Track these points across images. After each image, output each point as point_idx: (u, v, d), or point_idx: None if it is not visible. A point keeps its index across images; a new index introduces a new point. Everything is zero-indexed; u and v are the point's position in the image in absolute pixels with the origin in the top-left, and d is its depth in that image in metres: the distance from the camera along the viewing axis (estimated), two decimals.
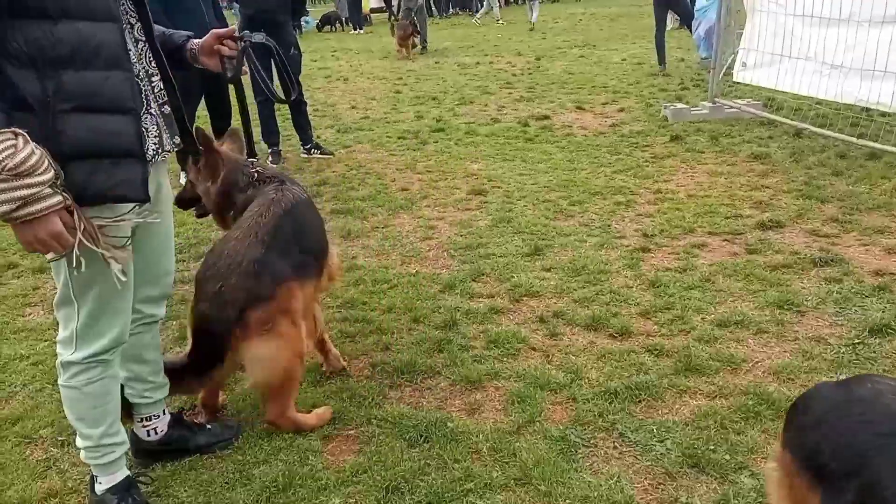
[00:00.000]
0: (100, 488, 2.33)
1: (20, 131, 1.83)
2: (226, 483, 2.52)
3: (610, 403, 2.84)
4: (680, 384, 2.95)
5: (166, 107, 2.24)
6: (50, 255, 2.02)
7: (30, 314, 3.96)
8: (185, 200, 3.09)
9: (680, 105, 8.20)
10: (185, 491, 2.49)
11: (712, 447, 2.54)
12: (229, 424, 2.80)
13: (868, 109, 6.53)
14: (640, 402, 2.86)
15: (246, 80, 3.50)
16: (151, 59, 2.18)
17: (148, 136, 2.15)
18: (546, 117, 8.51)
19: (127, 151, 2.03)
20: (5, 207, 1.82)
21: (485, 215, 5.18)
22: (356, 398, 2.97)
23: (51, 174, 1.86)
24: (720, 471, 2.43)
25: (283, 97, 3.04)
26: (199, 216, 3.20)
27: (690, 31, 12.37)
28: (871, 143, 5.87)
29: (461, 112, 9.24)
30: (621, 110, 8.77)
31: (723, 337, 3.29)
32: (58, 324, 2.23)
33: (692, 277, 3.93)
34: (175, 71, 2.28)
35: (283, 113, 7.55)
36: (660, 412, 2.80)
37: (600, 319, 3.51)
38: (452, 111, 9.31)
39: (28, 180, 1.82)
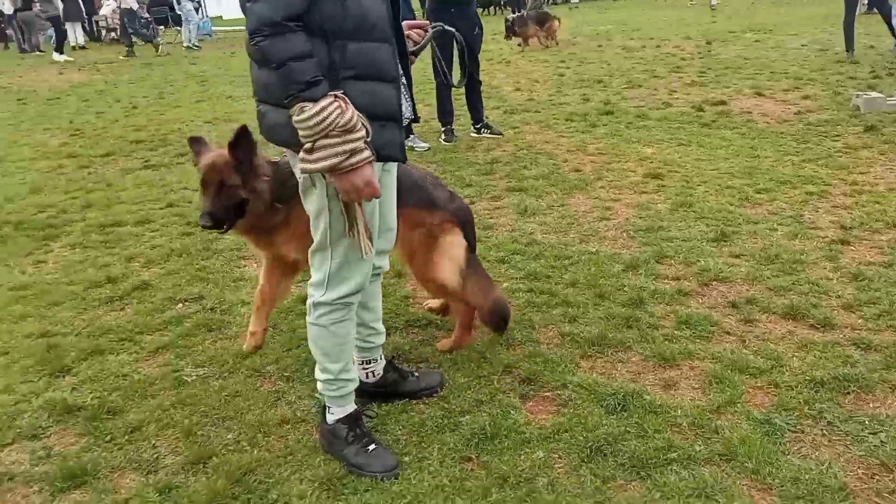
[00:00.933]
0: (331, 418, 2.59)
1: (341, 94, 2.08)
2: (436, 427, 2.71)
3: (815, 392, 2.77)
4: (892, 379, 2.82)
5: (404, 78, 2.42)
6: (312, 208, 2.28)
7: (244, 265, 4.39)
8: (229, 208, 2.67)
9: (874, 94, 7.60)
10: (400, 430, 2.71)
11: None
12: (434, 375, 2.99)
13: None
14: (848, 393, 2.77)
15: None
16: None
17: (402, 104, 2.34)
18: (723, 102, 8.19)
19: (391, 116, 2.24)
20: (336, 160, 2.07)
21: (663, 199, 5.11)
22: (549, 363, 3.08)
23: (364, 132, 2.10)
24: None
25: (455, 83, 3.21)
26: (225, 229, 2.74)
27: (882, 16, 11.37)
28: None
29: (629, 95, 9.09)
30: (805, 98, 8.27)
31: None
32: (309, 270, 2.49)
33: None
34: None
35: (457, 93, 7.76)
36: (870, 405, 2.70)
37: (799, 309, 3.40)
38: (620, 94, 9.18)
39: (352, 136, 2.07)
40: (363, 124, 2.08)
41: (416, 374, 2.97)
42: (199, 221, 2.70)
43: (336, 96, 2.04)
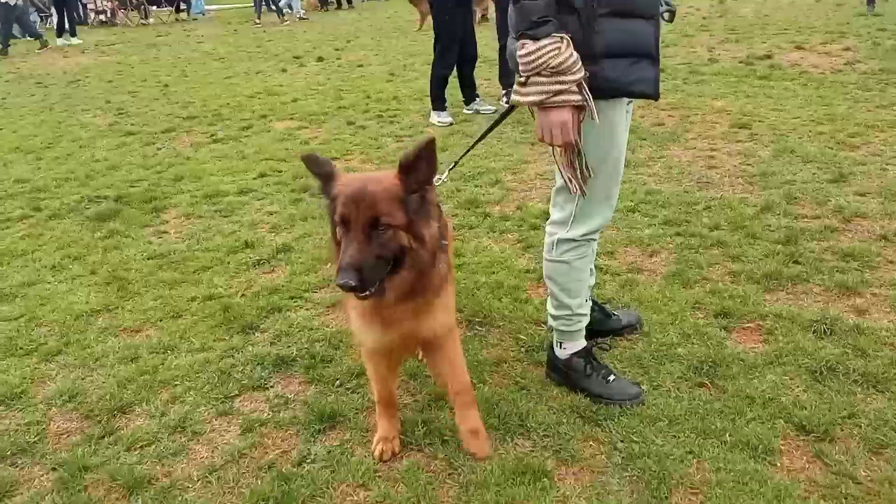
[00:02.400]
0: (564, 353, 2.67)
1: (566, 36, 2.13)
2: (653, 359, 2.81)
3: None
4: None
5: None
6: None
7: None
8: (386, 260, 1.93)
9: None
10: (620, 364, 2.80)
11: None
12: (633, 315, 3.08)
13: None
14: None
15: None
16: None
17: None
18: (768, 56, 8.31)
19: (646, 53, 2.29)
20: (541, 97, 2.15)
21: (762, 146, 5.22)
22: (735, 297, 3.19)
23: (580, 75, 2.15)
24: None
25: None
26: (371, 293, 1.91)
27: None
28: None
29: (670, 54, 9.17)
30: (847, 49, 8.42)
31: None
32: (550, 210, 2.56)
33: None
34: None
35: None
36: None
37: None
38: (662, 53, 9.22)
39: (562, 77, 2.13)
40: (580, 67, 2.13)
41: (616, 313, 3.06)
42: (337, 281, 1.84)
43: (559, 38, 2.09)
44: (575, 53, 2.15)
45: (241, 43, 14.70)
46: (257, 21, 18.31)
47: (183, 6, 21.83)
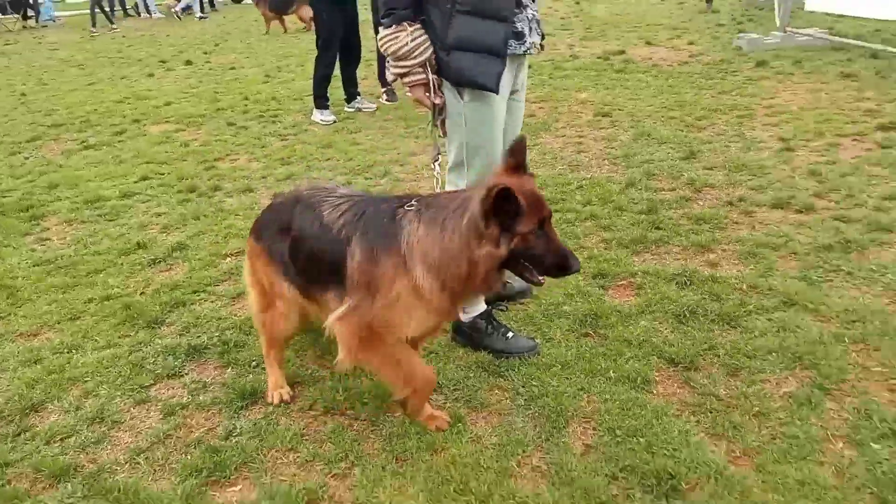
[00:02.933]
0: (467, 317, 2.94)
1: (409, 27, 2.56)
2: (545, 316, 3.14)
3: (828, 254, 3.48)
4: (877, 238, 3.59)
5: (535, 11, 2.78)
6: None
7: None
8: None
9: (752, 35, 8.71)
10: (514, 323, 3.11)
11: None
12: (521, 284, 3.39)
13: None
14: (850, 252, 3.49)
15: None
16: None
17: (525, 35, 2.70)
18: (622, 52, 9.02)
19: (494, 51, 2.59)
20: (392, 78, 2.78)
21: (622, 131, 5.75)
22: (609, 261, 3.58)
23: (422, 58, 2.60)
24: None
25: None
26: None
27: None
28: None
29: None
30: (691, 43, 9.28)
31: (895, 208, 3.91)
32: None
33: (843, 167, 4.55)
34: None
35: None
36: (870, 258, 3.43)
37: (782, 200, 4.12)
38: None
39: (401, 62, 2.62)
40: (420, 53, 2.58)
41: (510, 281, 3.35)
42: (576, 267, 2.16)
43: (400, 26, 2.56)
44: (416, 40, 2.57)
45: (99, 49, 14.01)
46: (94, 31, 17.07)
47: (31, 13, 20.41)
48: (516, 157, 2.18)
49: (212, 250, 4.09)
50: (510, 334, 2.92)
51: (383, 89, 7.57)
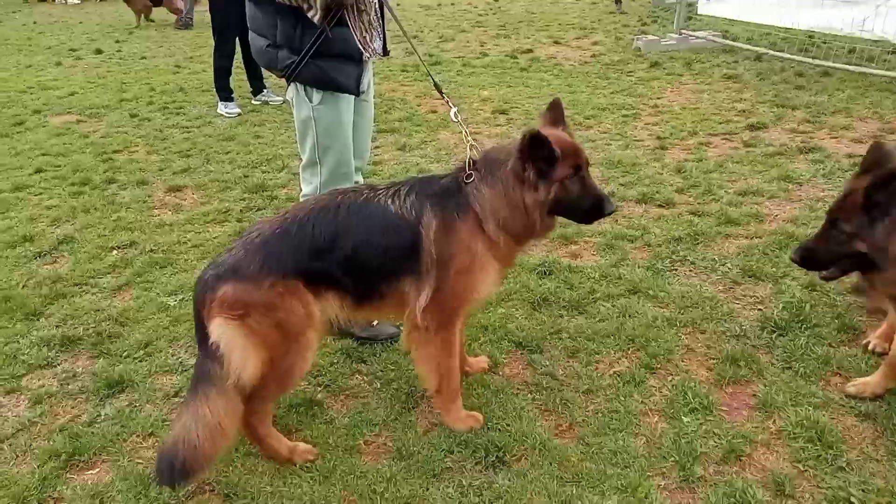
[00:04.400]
0: None
1: None
2: None
3: (677, 245, 3.80)
4: (724, 231, 3.93)
5: (377, 17, 2.95)
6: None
7: (158, 213, 4.59)
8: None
9: (651, 37, 9.14)
10: None
11: (761, 265, 3.53)
12: None
13: (812, 35, 7.70)
14: (698, 243, 3.82)
15: None
16: None
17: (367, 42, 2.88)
18: (530, 51, 9.32)
19: (348, 54, 2.80)
20: None
21: (516, 129, 6.01)
22: None
23: None
24: (772, 278, 3.42)
25: None
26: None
27: None
28: (824, 63, 6.99)
29: (447, 48, 9.93)
30: (595, 44, 9.66)
31: (746, 202, 4.29)
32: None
33: (707, 165, 4.92)
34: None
35: None
36: (715, 249, 3.77)
37: (646, 195, 4.45)
38: (438, 47, 9.98)
39: None
40: None
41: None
42: (610, 211, 2.35)
43: None
44: None
45: (7, 35, 13.49)
46: None
47: None
48: (553, 113, 2.37)
49: (98, 243, 4.14)
50: (375, 322, 3.11)
51: None
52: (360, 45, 2.82)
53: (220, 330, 2.09)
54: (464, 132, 2.58)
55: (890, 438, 2.40)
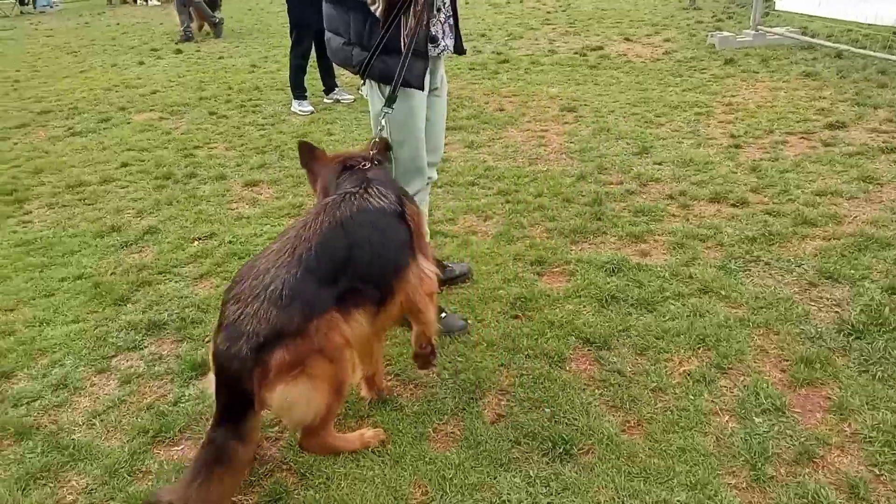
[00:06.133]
0: None
1: None
2: (480, 299, 3.39)
3: (751, 245, 3.73)
4: (800, 232, 3.83)
5: (449, 15, 3.00)
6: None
7: (236, 207, 4.77)
8: None
9: (726, 33, 8.92)
10: (452, 306, 3.36)
11: (839, 266, 3.43)
12: (464, 265, 3.64)
13: None
14: (773, 244, 3.74)
15: None
16: None
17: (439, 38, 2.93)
18: (600, 48, 9.23)
19: (417, 52, 2.81)
20: None
21: (584, 126, 5.99)
22: (548, 249, 3.84)
23: None
24: (849, 280, 3.33)
25: None
26: None
27: None
28: None
29: (516, 46, 9.93)
30: (667, 40, 9.49)
31: (823, 202, 4.17)
32: None
33: (784, 164, 4.79)
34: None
35: None
36: (790, 250, 3.68)
37: (719, 194, 4.37)
38: (507, 45, 9.99)
39: None
40: None
41: (450, 265, 3.61)
42: None
43: None
44: None
45: (94, 36, 14.20)
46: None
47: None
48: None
49: (181, 234, 4.34)
50: (443, 314, 3.16)
51: (363, 81, 7.76)
52: (427, 42, 2.87)
53: (284, 395, 2.05)
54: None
55: None
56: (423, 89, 2.94)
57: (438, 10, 2.89)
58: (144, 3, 20.05)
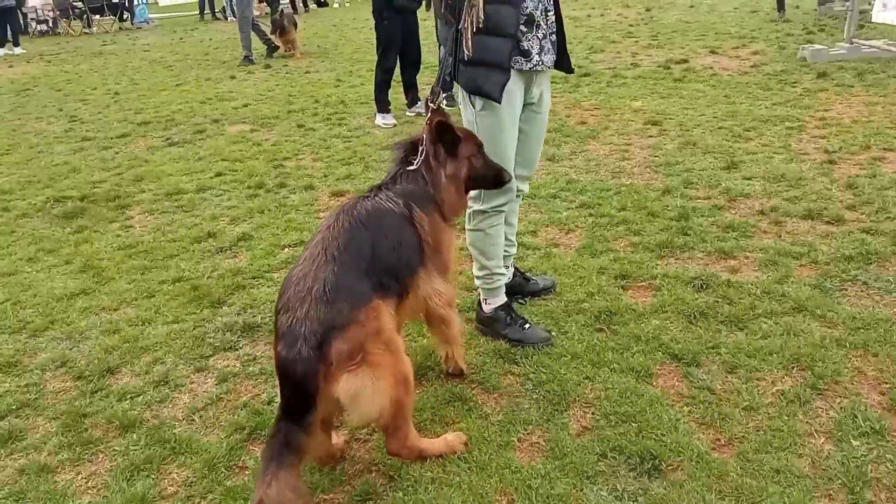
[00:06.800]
0: (489, 307, 3.23)
1: None
2: (564, 312, 3.39)
3: (847, 264, 3.59)
4: None
5: (551, 30, 3.03)
6: None
7: (322, 217, 4.92)
8: None
9: (818, 46, 8.62)
10: (537, 317, 3.37)
11: None
12: (549, 280, 3.64)
13: None
14: (871, 263, 3.59)
15: None
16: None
17: (532, 53, 2.95)
18: (685, 61, 9.08)
19: (495, 63, 2.84)
20: None
21: (669, 140, 5.90)
22: (633, 263, 3.80)
23: None
24: None
25: None
26: None
27: None
28: None
29: (597, 59, 9.88)
30: (755, 53, 9.25)
31: None
32: None
33: (882, 181, 4.60)
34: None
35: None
36: (890, 270, 3.53)
37: (813, 211, 4.23)
38: (588, 58, 9.95)
39: None
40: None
41: (535, 278, 3.63)
42: (508, 180, 2.86)
43: None
44: None
45: (188, 51, 14.94)
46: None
47: (126, 15, 21.84)
48: (442, 113, 2.68)
49: (272, 241, 4.52)
50: (527, 325, 3.19)
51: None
52: (510, 55, 2.88)
53: (348, 385, 2.11)
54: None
55: None
56: (499, 101, 2.93)
57: (537, 26, 2.92)
58: (235, 19, 20.91)
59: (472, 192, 3.12)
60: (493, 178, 2.80)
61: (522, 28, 2.91)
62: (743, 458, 2.41)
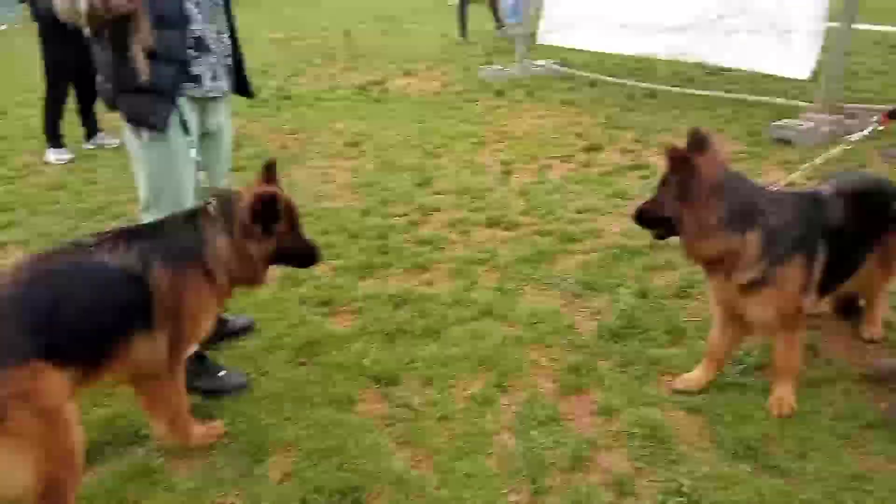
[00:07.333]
0: None
1: None
2: (264, 349, 3.25)
3: (524, 265, 3.96)
4: (565, 248, 4.14)
5: (225, 56, 2.88)
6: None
7: None
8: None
9: (495, 67, 9.53)
10: (234, 360, 3.19)
11: (598, 277, 3.74)
12: (244, 319, 3.47)
13: (639, 60, 8.34)
14: (542, 262, 4.00)
15: None
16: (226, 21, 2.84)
17: (203, 79, 2.80)
18: (381, 82, 9.45)
19: (159, 90, 2.65)
20: None
21: (368, 160, 6.06)
22: (335, 288, 3.80)
23: None
24: (608, 288, 3.64)
25: None
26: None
27: (489, 3, 13.84)
28: (650, 85, 7.58)
29: (299, 82, 9.88)
30: (444, 74, 9.95)
31: (584, 219, 4.55)
32: None
33: (548, 186, 5.18)
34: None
35: None
36: (558, 266, 3.96)
37: (494, 219, 4.61)
38: (289, 81, 9.90)
39: None
40: None
41: (231, 318, 3.44)
42: (320, 259, 2.77)
43: None
44: None
45: None
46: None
47: None
48: (268, 173, 2.61)
49: None
50: (222, 373, 2.99)
51: None
52: (175, 82, 2.70)
53: None
54: None
55: (712, 427, 2.60)
56: (163, 131, 2.72)
57: (208, 50, 2.75)
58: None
59: None
60: (305, 257, 2.69)
61: (192, 52, 2.73)
62: (439, 469, 2.49)
